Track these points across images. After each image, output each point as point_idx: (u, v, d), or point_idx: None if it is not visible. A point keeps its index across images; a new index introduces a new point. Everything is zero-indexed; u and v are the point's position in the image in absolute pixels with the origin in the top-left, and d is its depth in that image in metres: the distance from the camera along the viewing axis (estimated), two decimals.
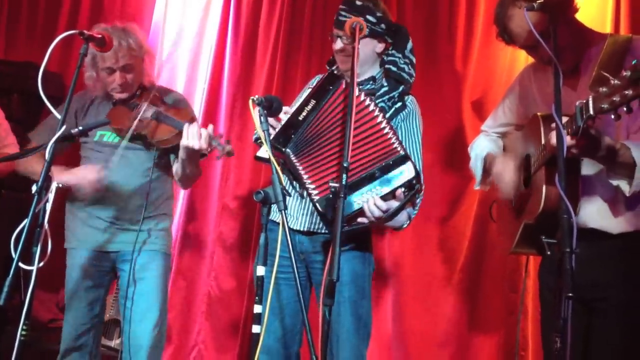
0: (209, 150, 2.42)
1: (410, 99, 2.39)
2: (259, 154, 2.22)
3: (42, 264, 2.00)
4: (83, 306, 2.61)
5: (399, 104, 2.33)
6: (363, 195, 2.05)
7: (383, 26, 2.33)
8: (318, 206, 2.08)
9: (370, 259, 2.39)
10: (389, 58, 2.37)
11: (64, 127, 2.05)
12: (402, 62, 2.36)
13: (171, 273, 3.76)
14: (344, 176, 1.82)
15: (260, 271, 1.91)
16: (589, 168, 1.90)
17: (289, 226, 2.34)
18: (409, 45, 2.39)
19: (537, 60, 2.14)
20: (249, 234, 3.75)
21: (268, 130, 1.96)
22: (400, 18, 3.65)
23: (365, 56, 2.36)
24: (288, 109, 2.19)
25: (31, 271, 1.98)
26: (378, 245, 3.59)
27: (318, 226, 2.33)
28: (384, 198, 2.04)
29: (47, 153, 2.02)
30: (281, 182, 1.90)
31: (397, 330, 3.51)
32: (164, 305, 2.68)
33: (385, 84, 2.34)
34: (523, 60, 3.21)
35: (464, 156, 3.23)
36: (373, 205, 2.02)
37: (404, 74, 2.35)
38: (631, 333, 1.89)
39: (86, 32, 2.20)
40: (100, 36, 2.24)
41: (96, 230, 2.64)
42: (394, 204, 2.05)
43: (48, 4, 4.21)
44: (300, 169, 2.13)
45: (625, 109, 1.47)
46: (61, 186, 2.12)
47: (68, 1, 4.17)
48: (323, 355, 1.77)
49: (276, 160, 1.91)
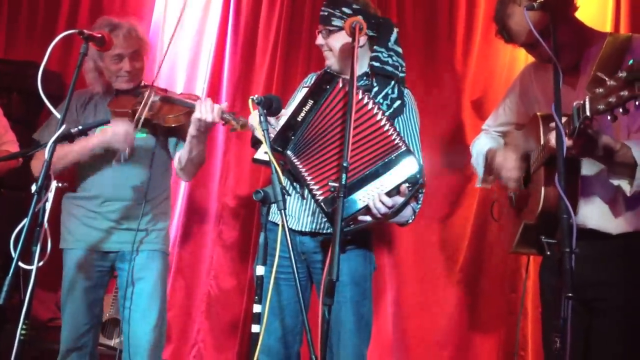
0: (223, 123, 2.40)
1: (405, 93, 2.36)
2: (257, 157, 2.21)
3: (42, 263, 2.00)
4: (83, 307, 2.59)
5: (398, 103, 2.30)
6: (367, 192, 2.04)
7: (360, 17, 2.21)
8: (324, 207, 2.08)
9: (371, 258, 2.39)
10: (372, 54, 2.32)
11: (64, 127, 2.05)
12: (386, 56, 2.31)
13: (171, 272, 3.78)
14: (344, 176, 1.82)
15: (259, 271, 1.91)
16: (589, 168, 1.89)
17: (291, 227, 2.34)
18: (393, 36, 2.34)
19: (537, 58, 2.14)
20: (249, 234, 3.74)
21: (268, 129, 1.96)
22: (400, 18, 3.65)
23: (345, 51, 2.32)
24: (284, 111, 2.18)
25: (31, 270, 1.97)
26: (378, 245, 3.59)
27: (320, 226, 2.32)
28: (389, 194, 2.04)
29: (47, 153, 2.02)
30: (281, 182, 1.90)
31: (397, 329, 3.51)
32: (164, 304, 2.67)
33: (375, 84, 2.31)
34: (523, 59, 3.21)
35: (464, 155, 3.24)
36: (378, 201, 2.02)
37: (388, 67, 2.30)
38: (631, 333, 1.88)
39: (86, 32, 2.20)
40: (100, 35, 2.24)
41: (94, 229, 2.62)
42: (399, 200, 2.04)
43: (48, 4, 4.21)
44: (302, 170, 2.12)
45: (621, 110, 1.46)
46: (61, 185, 2.12)
47: (68, 1, 4.17)
48: (322, 355, 1.77)
49: (276, 161, 1.91)
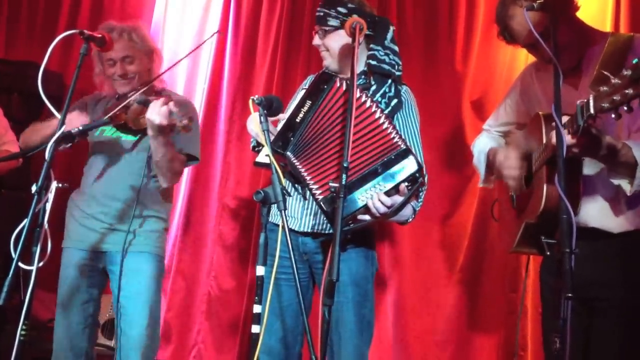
0: (170, 126, 2.31)
1: (404, 90, 2.35)
2: (258, 160, 2.20)
3: (42, 264, 2.00)
4: (77, 306, 2.59)
5: (395, 101, 2.30)
6: (367, 191, 2.04)
7: (355, 16, 2.21)
8: (323, 206, 2.07)
9: (373, 259, 2.39)
10: (369, 52, 2.32)
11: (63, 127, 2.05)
12: (382, 54, 2.30)
13: (171, 273, 3.78)
14: (344, 176, 1.82)
15: (260, 271, 1.91)
16: (590, 167, 1.89)
17: (293, 228, 2.34)
18: (389, 34, 2.33)
19: (539, 59, 2.14)
20: (249, 234, 3.74)
21: (268, 129, 1.96)
22: (400, 18, 3.65)
23: (342, 50, 2.32)
24: (282, 116, 2.18)
25: (31, 271, 1.97)
26: (378, 244, 3.58)
27: (322, 227, 2.32)
28: (388, 193, 2.03)
29: (47, 153, 2.02)
30: (281, 182, 1.90)
31: (397, 329, 3.51)
32: (155, 306, 2.63)
33: (372, 82, 2.31)
34: (523, 59, 3.21)
35: (464, 155, 3.25)
36: (377, 201, 2.02)
37: (385, 65, 2.30)
38: (632, 333, 1.88)
39: (86, 32, 2.20)
40: (100, 36, 2.24)
41: (88, 230, 2.62)
42: (399, 199, 2.04)
43: (48, 4, 4.21)
44: (302, 171, 2.11)
45: (625, 108, 1.46)
46: (61, 186, 2.12)
47: (68, 1, 4.17)
48: (322, 355, 1.76)
49: (277, 163, 1.90)
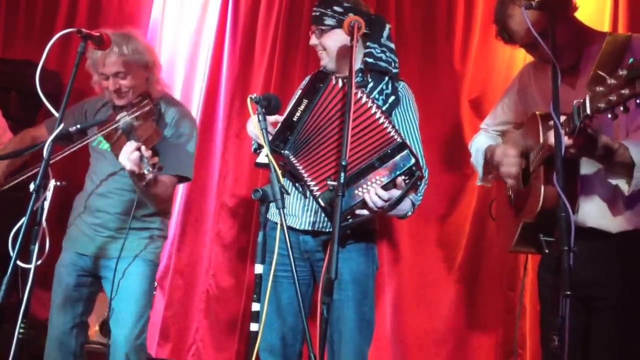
0: (140, 175, 2.24)
1: (402, 86, 2.37)
2: (259, 161, 2.23)
3: (40, 262, 2.00)
4: (67, 304, 2.62)
5: (393, 98, 2.30)
6: (364, 186, 2.05)
7: (351, 15, 2.25)
8: (321, 201, 2.09)
9: (374, 256, 2.40)
10: (366, 50, 2.33)
11: (62, 126, 2.05)
12: (379, 52, 2.31)
13: (170, 272, 3.78)
14: (342, 174, 1.83)
15: (258, 269, 1.92)
16: (588, 167, 1.89)
17: (293, 226, 2.34)
18: (385, 32, 2.35)
19: (537, 58, 2.14)
20: (247, 232, 3.74)
21: (266, 128, 1.96)
22: (398, 17, 3.65)
23: (338, 49, 2.33)
24: (281, 118, 2.19)
25: (29, 269, 1.98)
26: (377, 243, 3.59)
27: (322, 225, 2.33)
28: (385, 187, 2.04)
29: (45, 151, 2.02)
30: (279, 181, 1.90)
31: (395, 327, 3.52)
32: (143, 309, 2.64)
33: (369, 80, 2.32)
34: (521, 58, 3.21)
35: (463, 154, 3.25)
36: (375, 195, 2.03)
37: (382, 63, 2.31)
38: (630, 332, 1.89)
39: (84, 30, 2.19)
40: (97, 34, 2.24)
41: (82, 234, 2.67)
42: (396, 193, 2.05)
43: (46, 3, 4.19)
44: (300, 168, 2.13)
45: (621, 108, 1.46)
46: (59, 184, 2.12)
47: (66, 0, 4.16)
48: (321, 354, 1.77)
49: (276, 162, 1.91)
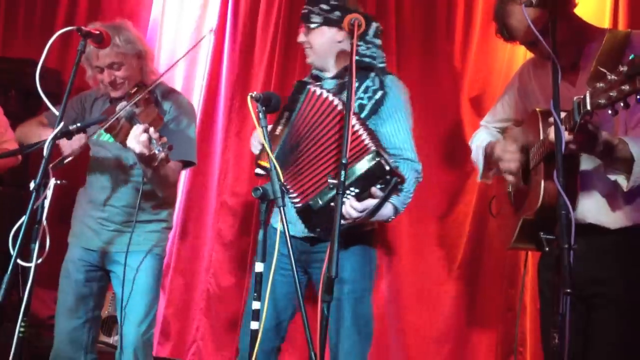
0: (151, 156, 2.23)
1: (388, 79, 2.33)
2: (258, 171, 2.22)
3: (41, 261, 2.00)
4: (77, 300, 2.62)
5: (380, 93, 2.27)
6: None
7: (338, 13, 2.26)
8: (300, 214, 2.16)
9: (373, 257, 2.39)
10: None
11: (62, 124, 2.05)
12: (364, 48, 2.30)
13: (170, 270, 3.78)
14: (342, 173, 1.82)
15: (258, 267, 1.92)
16: (588, 163, 1.89)
17: (290, 233, 2.35)
18: (372, 30, 2.32)
19: (537, 56, 2.13)
20: (248, 231, 3.75)
21: (267, 126, 1.96)
22: (398, 15, 3.65)
23: (325, 47, 2.32)
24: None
25: (29, 268, 1.97)
26: (374, 242, 3.59)
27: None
28: (360, 198, 2.05)
29: (45, 149, 2.01)
30: (280, 179, 1.90)
31: (396, 326, 3.52)
32: (151, 303, 2.65)
33: (355, 78, 2.30)
34: (521, 56, 3.21)
35: (463, 152, 3.25)
36: (349, 207, 2.05)
37: (366, 59, 2.29)
38: (630, 329, 1.89)
39: (84, 29, 2.19)
40: (97, 32, 2.23)
41: (91, 230, 2.66)
42: (372, 202, 2.06)
43: (46, 1, 4.20)
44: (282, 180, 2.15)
45: (622, 104, 1.47)
46: (59, 183, 2.11)
47: None
48: (321, 351, 1.76)
49: (266, 172, 1.94)
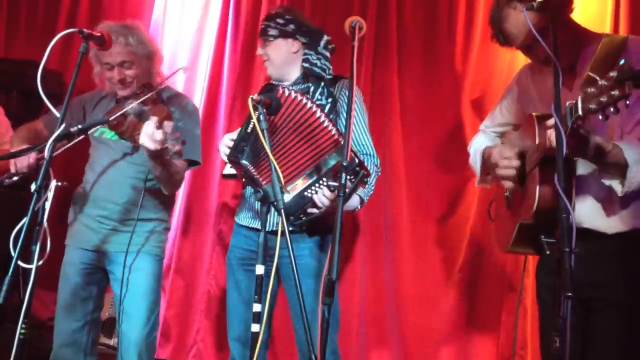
0: (163, 149, 2.23)
1: (339, 83, 2.54)
2: (225, 172, 2.42)
3: (41, 263, 2.00)
4: (76, 303, 2.62)
5: (330, 100, 2.47)
6: (312, 187, 2.21)
7: (292, 27, 2.53)
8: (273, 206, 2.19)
9: (328, 244, 2.45)
10: (304, 57, 2.55)
11: (64, 125, 2.05)
12: (315, 58, 2.53)
13: (171, 272, 3.79)
14: (343, 175, 1.83)
15: (259, 270, 1.92)
16: (583, 167, 1.90)
17: (258, 227, 2.41)
18: (322, 42, 2.55)
19: (533, 60, 2.13)
20: None
21: (267, 129, 1.97)
22: (399, 17, 3.66)
23: (283, 57, 2.56)
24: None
25: (30, 269, 1.98)
26: (377, 244, 3.60)
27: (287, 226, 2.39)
28: (332, 187, 2.18)
29: (47, 151, 2.02)
30: (280, 181, 1.91)
31: (396, 329, 3.52)
32: (153, 305, 2.64)
33: (310, 84, 2.51)
34: (522, 59, 3.19)
35: (463, 155, 3.23)
36: (322, 196, 2.20)
37: (316, 69, 2.52)
38: (628, 332, 1.89)
39: (86, 31, 2.20)
40: (99, 34, 2.24)
41: (90, 230, 2.65)
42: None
43: (47, 3, 4.21)
44: (255, 175, 2.24)
45: (612, 109, 1.48)
46: (60, 184, 2.12)
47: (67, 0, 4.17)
48: (322, 353, 1.77)
49: (237, 172, 2.02)
